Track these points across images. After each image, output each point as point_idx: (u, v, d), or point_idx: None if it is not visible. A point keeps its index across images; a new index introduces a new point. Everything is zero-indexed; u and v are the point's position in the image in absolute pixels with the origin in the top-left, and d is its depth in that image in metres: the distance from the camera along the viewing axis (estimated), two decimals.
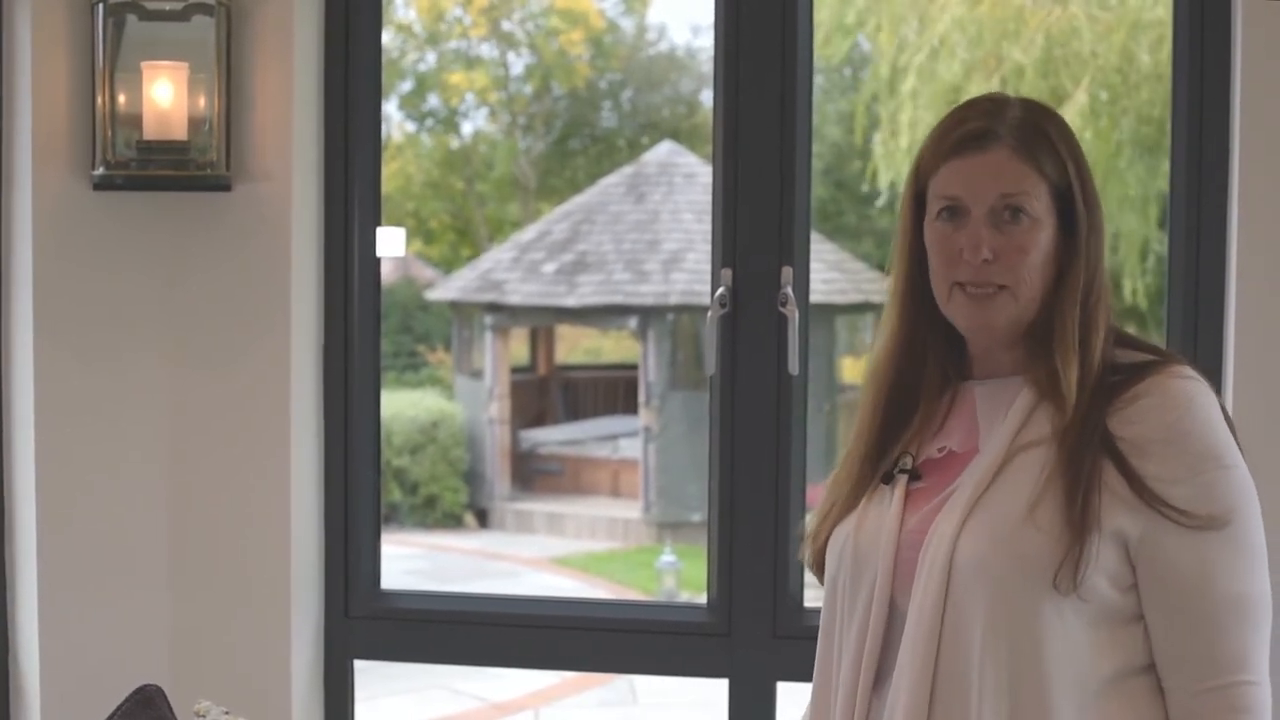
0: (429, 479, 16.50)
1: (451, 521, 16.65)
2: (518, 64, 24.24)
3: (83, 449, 3.11)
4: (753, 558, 3.12)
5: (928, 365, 2.14)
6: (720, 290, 3.09)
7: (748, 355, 3.11)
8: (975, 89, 12.47)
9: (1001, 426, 2.05)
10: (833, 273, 16.44)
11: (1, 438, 3.17)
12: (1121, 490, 1.96)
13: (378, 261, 3.25)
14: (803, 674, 2.30)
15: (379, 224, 3.25)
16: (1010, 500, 1.99)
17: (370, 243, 3.24)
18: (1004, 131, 2.05)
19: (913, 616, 2.01)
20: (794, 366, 3.07)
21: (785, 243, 3.09)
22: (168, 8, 3.06)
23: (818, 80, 3.04)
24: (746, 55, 3.09)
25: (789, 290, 3.06)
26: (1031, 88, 12.51)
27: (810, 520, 2.25)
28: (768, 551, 3.10)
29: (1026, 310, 2.05)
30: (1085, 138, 12.13)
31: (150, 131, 3.02)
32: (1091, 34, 12.98)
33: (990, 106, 2.09)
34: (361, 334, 3.24)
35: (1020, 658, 1.96)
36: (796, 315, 3.06)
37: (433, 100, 23.78)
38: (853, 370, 17.99)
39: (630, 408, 17.71)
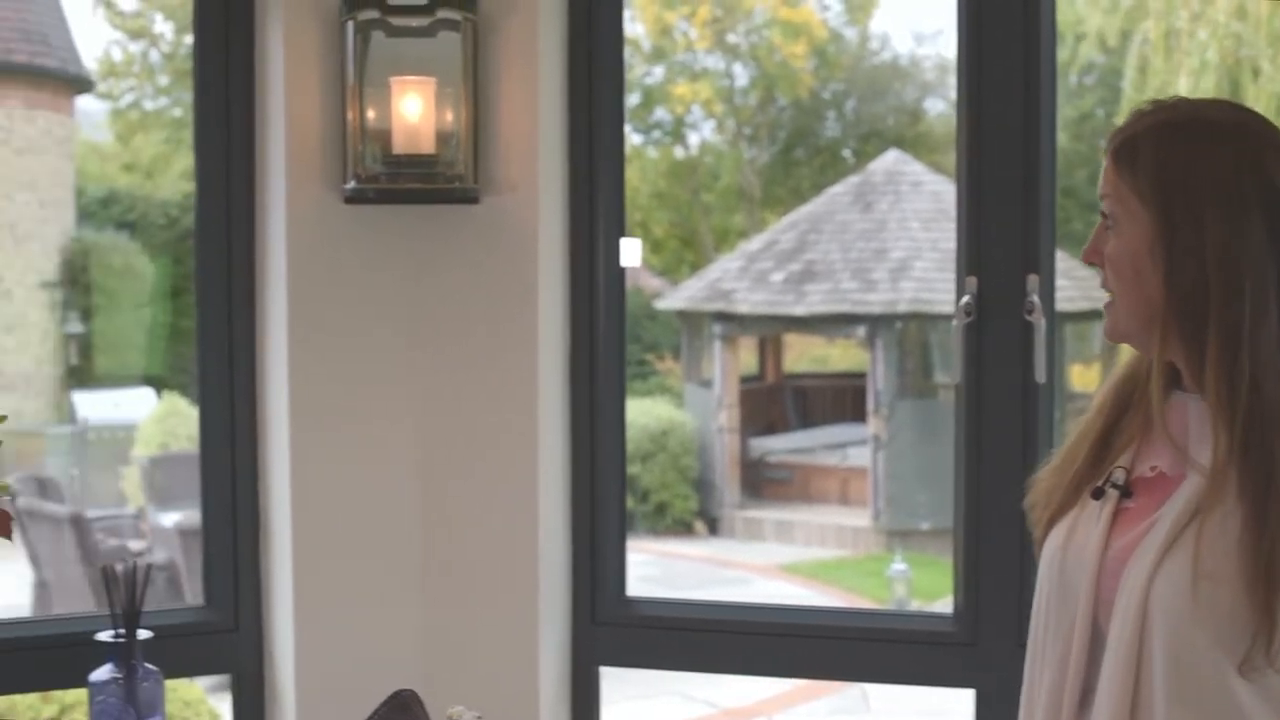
0: (659, 486, 16.60)
1: (682, 528, 16.72)
2: (742, 75, 24.28)
3: (335, 457, 3.17)
4: (998, 567, 3.09)
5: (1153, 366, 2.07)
6: (965, 299, 3.06)
7: (993, 364, 3.08)
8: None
9: (1202, 455, 1.96)
10: (1061, 280, 16.19)
11: (257, 445, 3.24)
12: None
13: (622, 271, 3.28)
14: None
15: (623, 234, 3.28)
16: (1203, 548, 1.89)
17: (614, 253, 3.26)
18: (1116, 136, 2.01)
19: (1111, 646, 1.96)
20: (1040, 375, 3.04)
21: (1030, 250, 3.06)
22: (414, 24, 3.11)
23: None
24: (988, 61, 3.06)
25: (1035, 298, 3.03)
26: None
27: (1036, 481, 2.19)
28: (1014, 561, 3.07)
29: (1135, 322, 2.00)
30: None
31: (399, 145, 3.07)
32: None
33: (1134, 114, 2.05)
34: (607, 343, 3.27)
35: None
36: (1043, 323, 3.02)
37: (659, 112, 23.88)
38: (1082, 378, 17.74)
39: (858, 416, 17.64)
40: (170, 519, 12.45)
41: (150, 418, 17.09)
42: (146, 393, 19.08)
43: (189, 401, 17.16)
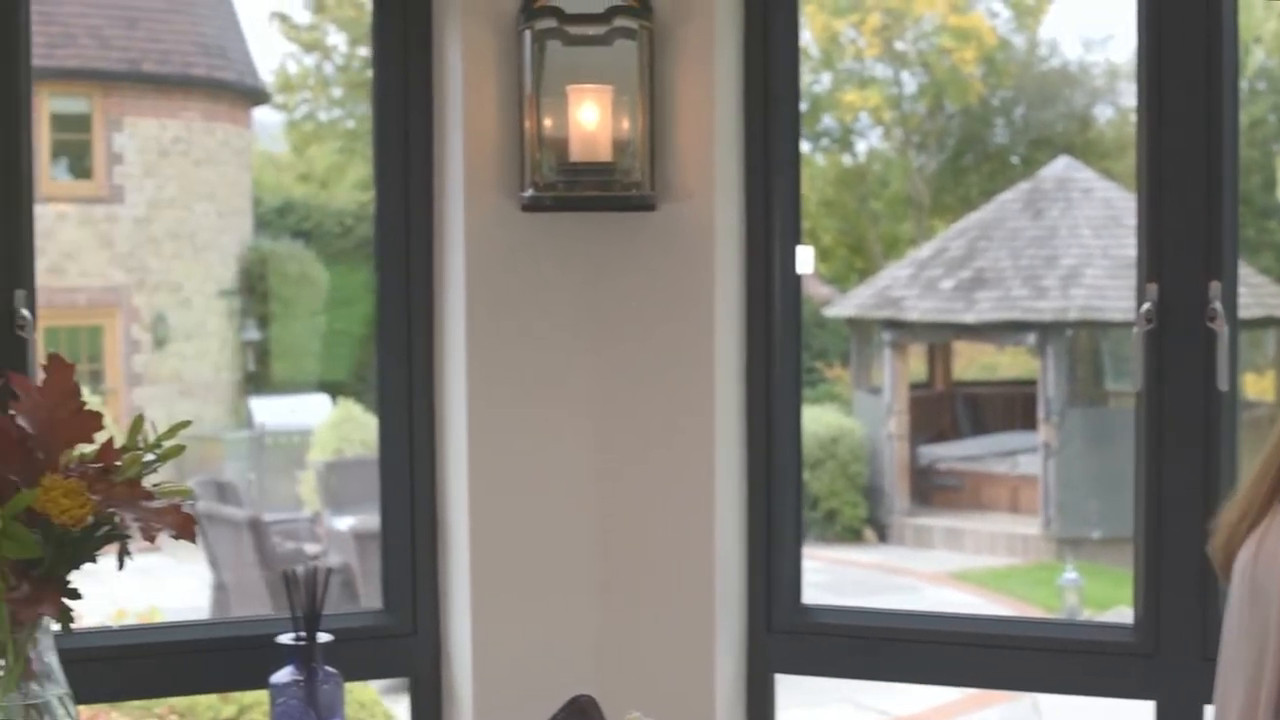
0: (829, 494, 16.59)
1: (851, 536, 16.70)
2: (911, 83, 24.19)
3: (512, 462, 3.20)
4: (1180, 576, 3.05)
5: None
6: (1146, 305, 3.03)
7: (1174, 371, 3.04)
8: None
9: None
10: None
11: (435, 450, 3.27)
12: None
13: (798, 279, 3.28)
14: None
15: (799, 242, 3.28)
16: None
17: (791, 260, 3.26)
18: None
19: None
20: (1223, 382, 3.00)
21: (1213, 256, 3.02)
22: (591, 33, 3.12)
23: None
24: (1168, 64, 3.02)
25: (1217, 305, 2.99)
26: None
27: (1225, 512, 2.17)
28: (1196, 570, 3.02)
29: None
30: None
31: (576, 153, 3.09)
32: None
33: None
34: (782, 349, 3.26)
35: None
36: (1226, 330, 2.98)
37: (827, 120, 23.85)
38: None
39: (1028, 423, 17.51)
40: (345, 523, 12.62)
41: (325, 423, 17.33)
42: (322, 399, 19.35)
43: (363, 407, 17.38)
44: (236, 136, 22.40)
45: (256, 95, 23.20)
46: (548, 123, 3.10)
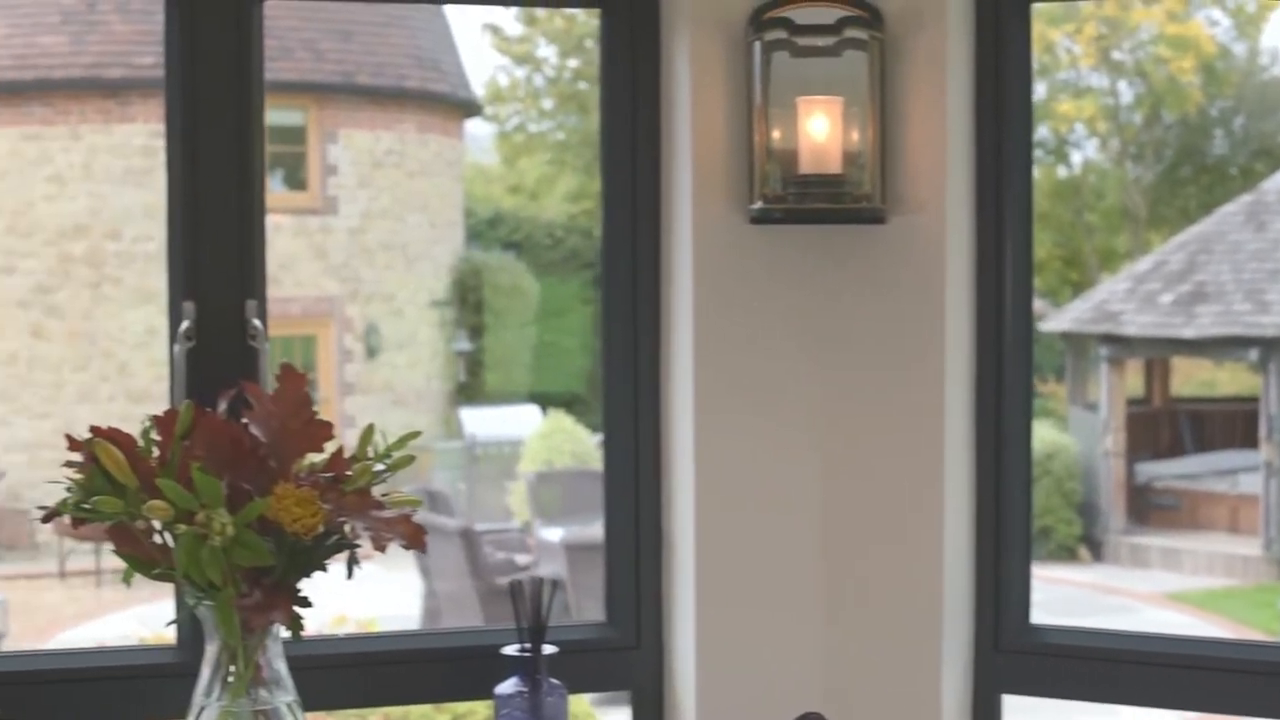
0: (1043, 511, 16.40)
1: (1065, 554, 16.48)
2: (1127, 93, 23.85)
3: (738, 477, 3.17)
4: None
5: None
6: None
7: None
8: None
9: None
10: None
11: (660, 464, 3.26)
12: None
13: (1030, 292, 3.22)
14: None
15: (1031, 255, 3.22)
16: None
17: (1023, 274, 3.20)
18: None
19: None
20: None
21: None
22: (820, 44, 3.09)
23: None
24: None
25: None
26: None
27: None
28: None
29: None
30: None
31: (806, 166, 3.06)
32: None
33: None
34: (1013, 365, 3.20)
35: None
36: None
37: (1042, 131, 23.60)
38: None
39: (1249, 442, 17.16)
40: (555, 534, 12.69)
41: (535, 434, 17.46)
42: (532, 409, 19.50)
43: (574, 419, 17.49)
44: (449, 148, 22.66)
45: (469, 107, 23.46)
46: (776, 134, 3.07)
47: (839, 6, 3.07)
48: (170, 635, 3.06)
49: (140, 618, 13.93)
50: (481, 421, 19.56)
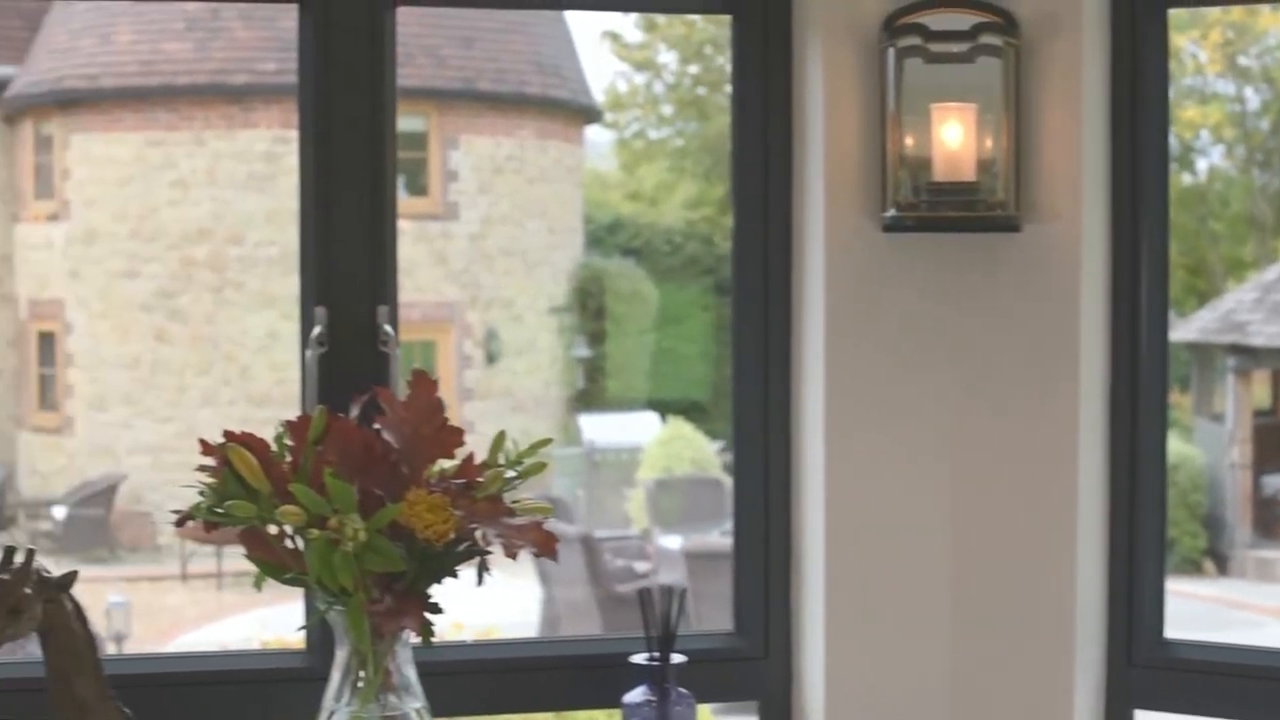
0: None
1: (1190, 567, 16.29)
2: (1254, 99, 23.56)
3: (868, 486, 3.15)
4: None
5: None
6: None
7: None
8: None
9: None
10: None
11: (790, 473, 3.24)
12: None
13: (1165, 303, 3.17)
14: None
15: (1167, 264, 3.17)
16: None
17: (1159, 283, 3.16)
18: None
19: None
20: None
21: None
22: (954, 50, 3.06)
23: None
24: None
25: None
26: None
27: None
28: None
29: None
30: None
31: (940, 173, 3.02)
32: None
33: None
34: (1149, 377, 3.16)
35: None
36: None
37: None
38: None
39: None
40: (674, 541, 12.68)
41: (654, 441, 17.45)
42: (650, 416, 19.50)
43: (692, 426, 17.48)
44: (569, 154, 22.73)
45: (589, 113, 23.52)
46: (909, 141, 3.04)
47: (974, 13, 3.04)
48: (297, 640, 3.08)
49: (262, 620, 14.06)
50: (600, 428, 19.59)
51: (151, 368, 19.99)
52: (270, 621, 13.60)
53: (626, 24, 27.19)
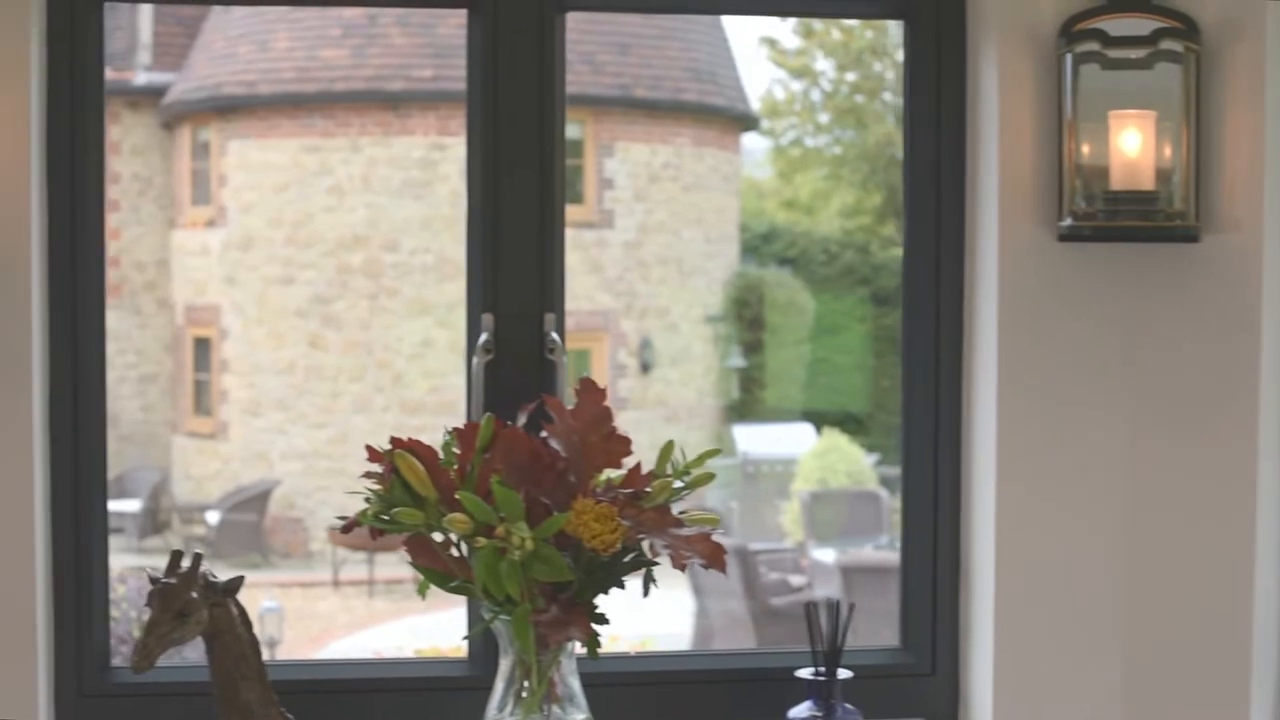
0: None
1: None
2: None
3: (1041, 505, 3.07)
4: None
5: None
6: None
7: None
8: None
9: None
10: None
11: (960, 488, 3.18)
12: None
13: None
14: None
15: None
16: None
17: None
18: None
19: None
20: None
21: None
22: (1133, 56, 2.99)
23: None
24: None
25: None
26: None
27: None
28: None
29: None
30: None
31: (1117, 182, 2.96)
32: None
33: None
34: None
35: None
36: None
37: None
38: None
39: None
40: (829, 555, 12.59)
41: (809, 453, 17.34)
42: (805, 428, 19.39)
43: (847, 438, 17.36)
44: (725, 162, 22.65)
45: (745, 121, 23.43)
46: (1086, 149, 2.98)
47: (1154, 17, 2.97)
48: (457, 649, 3.07)
49: (412, 628, 14.13)
50: (755, 439, 19.50)
51: (305, 374, 20.15)
52: (421, 629, 13.67)
53: (784, 30, 27.09)
